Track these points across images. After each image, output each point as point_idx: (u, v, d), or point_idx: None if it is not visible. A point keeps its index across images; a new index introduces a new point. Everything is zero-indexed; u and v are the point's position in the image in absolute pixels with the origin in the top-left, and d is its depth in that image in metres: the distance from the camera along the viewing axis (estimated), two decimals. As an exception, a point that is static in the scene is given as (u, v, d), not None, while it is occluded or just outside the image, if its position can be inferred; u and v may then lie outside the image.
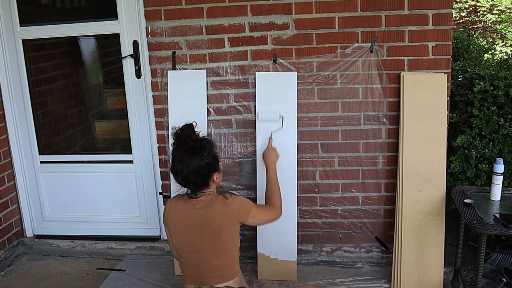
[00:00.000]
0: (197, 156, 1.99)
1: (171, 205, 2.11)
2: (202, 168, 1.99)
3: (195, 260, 2.04)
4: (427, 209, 2.59)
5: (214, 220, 2.02)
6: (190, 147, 1.99)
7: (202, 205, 2.03)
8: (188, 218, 2.04)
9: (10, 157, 3.19)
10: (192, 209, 2.03)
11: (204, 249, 2.02)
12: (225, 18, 2.73)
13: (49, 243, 3.25)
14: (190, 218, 2.04)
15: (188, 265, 2.07)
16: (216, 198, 2.07)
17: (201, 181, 2.01)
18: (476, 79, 2.82)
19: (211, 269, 2.03)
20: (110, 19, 2.88)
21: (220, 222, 2.02)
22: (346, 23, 2.65)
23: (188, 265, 2.07)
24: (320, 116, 2.79)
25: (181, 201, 2.08)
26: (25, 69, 3.06)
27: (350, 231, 2.92)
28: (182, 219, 2.06)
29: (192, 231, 2.03)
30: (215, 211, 2.02)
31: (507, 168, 2.69)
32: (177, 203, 2.09)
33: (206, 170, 2.01)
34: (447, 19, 2.58)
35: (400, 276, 2.63)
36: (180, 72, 2.83)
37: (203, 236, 2.02)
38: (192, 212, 2.03)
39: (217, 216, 2.02)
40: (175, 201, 2.11)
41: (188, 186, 2.04)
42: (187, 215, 2.04)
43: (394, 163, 2.77)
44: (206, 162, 2.00)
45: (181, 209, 2.06)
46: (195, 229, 2.02)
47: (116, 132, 3.62)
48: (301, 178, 2.86)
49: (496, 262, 2.64)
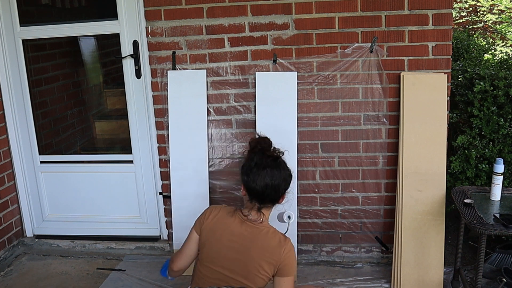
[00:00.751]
0: (283, 166, 1.91)
1: (219, 214, 1.95)
2: (287, 180, 1.91)
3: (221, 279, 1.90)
4: (427, 209, 2.59)
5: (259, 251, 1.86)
6: (278, 156, 1.91)
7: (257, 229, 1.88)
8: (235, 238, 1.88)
9: (10, 157, 3.19)
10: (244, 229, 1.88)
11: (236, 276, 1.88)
12: (225, 18, 2.73)
13: (49, 243, 3.25)
14: (238, 239, 1.88)
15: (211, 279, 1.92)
16: (275, 233, 1.90)
17: (278, 196, 1.90)
18: (476, 79, 2.82)
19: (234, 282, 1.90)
20: (110, 19, 2.88)
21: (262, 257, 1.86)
22: (346, 23, 2.65)
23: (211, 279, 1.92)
24: (320, 116, 2.79)
25: (231, 215, 1.93)
26: (25, 69, 3.06)
27: (350, 231, 2.92)
28: (228, 237, 1.89)
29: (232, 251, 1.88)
30: (266, 242, 1.87)
31: (507, 168, 2.69)
32: (224, 215, 1.93)
33: (288, 184, 1.92)
34: (447, 19, 2.58)
35: (400, 276, 2.63)
36: (180, 72, 2.83)
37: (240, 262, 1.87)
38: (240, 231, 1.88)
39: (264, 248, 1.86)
40: (224, 214, 1.94)
41: (262, 199, 1.88)
42: (236, 233, 1.89)
43: (394, 163, 2.77)
44: (289, 174, 1.92)
45: (232, 226, 1.90)
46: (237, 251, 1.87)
47: (116, 132, 3.62)
48: (301, 178, 2.86)
49: (496, 262, 2.64)
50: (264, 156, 1.90)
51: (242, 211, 1.94)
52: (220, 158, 2.90)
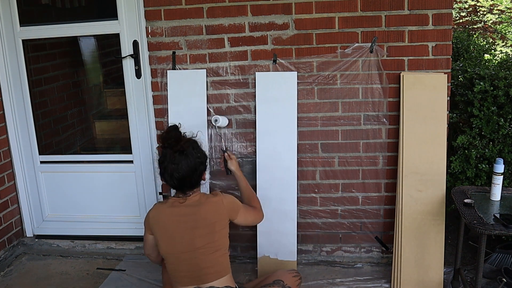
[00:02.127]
0: (190, 156, 2.02)
1: (157, 211, 2.10)
2: (198, 167, 2.04)
3: (191, 259, 2.04)
4: (427, 209, 2.59)
5: (207, 216, 2.04)
6: (183, 148, 2.02)
7: (192, 203, 2.05)
8: (179, 219, 2.04)
9: (10, 157, 3.19)
10: (183, 209, 2.04)
11: (200, 247, 2.03)
12: (225, 18, 2.73)
13: (49, 243, 3.25)
14: (182, 218, 2.04)
15: (182, 266, 2.06)
16: (206, 196, 2.10)
17: (196, 180, 2.06)
18: (476, 79, 2.82)
19: (207, 265, 2.04)
20: (110, 19, 2.88)
21: (213, 218, 2.05)
22: (346, 23, 2.65)
23: (182, 265, 2.06)
24: (320, 116, 2.79)
25: (167, 205, 2.09)
26: (25, 69, 3.06)
27: (350, 231, 2.92)
28: (172, 221, 2.05)
29: (185, 231, 2.04)
30: (208, 208, 2.05)
31: (507, 168, 2.69)
32: (163, 208, 2.09)
33: (201, 169, 2.06)
34: (447, 19, 2.58)
35: (400, 276, 2.63)
36: (180, 72, 2.83)
37: (198, 234, 2.03)
38: (184, 212, 2.04)
39: (210, 212, 2.05)
40: (159, 207, 2.11)
41: (182, 188, 2.06)
42: (178, 216, 2.05)
43: (394, 163, 2.77)
44: (200, 161, 2.05)
45: (170, 212, 2.06)
46: (189, 228, 2.03)
47: (116, 132, 3.62)
48: (301, 178, 2.86)
49: (496, 262, 2.64)
50: (172, 151, 2.02)
51: (173, 196, 2.12)
52: (220, 158, 2.90)
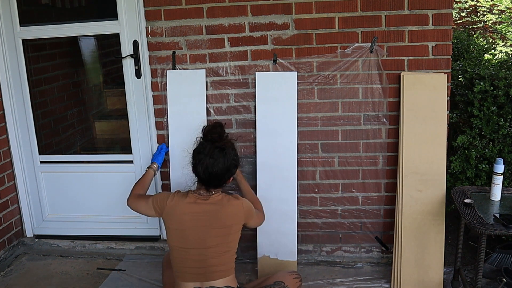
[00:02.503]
0: (228, 156, 2.05)
1: (175, 200, 2.10)
2: (231, 169, 2.07)
3: (200, 255, 2.05)
4: (427, 209, 2.59)
5: (226, 218, 2.06)
6: (224, 146, 2.06)
7: (215, 202, 2.07)
8: (197, 216, 2.06)
9: (10, 157, 3.19)
10: (203, 206, 2.06)
11: (212, 246, 2.05)
12: (225, 18, 2.73)
13: (49, 243, 3.25)
14: (200, 216, 2.05)
15: (190, 261, 2.07)
16: (228, 197, 2.11)
17: (224, 181, 2.08)
18: (476, 79, 2.82)
19: (215, 264, 2.06)
20: (110, 19, 2.88)
21: (231, 220, 2.07)
22: (346, 23, 2.65)
23: (189, 261, 2.07)
24: (320, 116, 2.79)
25: (187, 200, 2.09)
26: (25, 69, 3.06)
27: (350, 231, 2.92)
28: (190, 218, 2.06)
29: (200, 229, 2.05)
30: (229, 209, 2.07)
31: (507, 168, 2.69)
32: (182, 202, 2.09)
33: (233, 172, 2.09)
34: (447, 19, 2.58)
35: (400, 276, 2.63)
36: (180, 72, 2.83)
37: (213, 233, 2.05)
38: (203, 210, 2.06)
39: (230, 214, 2.08)
40: (179, 197, 2.11)
41: (209, 183, 2.07)
42: (197, 214, 2.06)
43: (394, 163, 2.77)
44: (235, 163, 2.08)
45: (189, 208, 2.07)
46: (205, 226, 2.05)
47: (116, 132, 3.62)
48: (301, 178, 2.86)
49: (496, 262, 2.64)
50: (213, 146, 2.05)
51: (194, 191, 2.12)
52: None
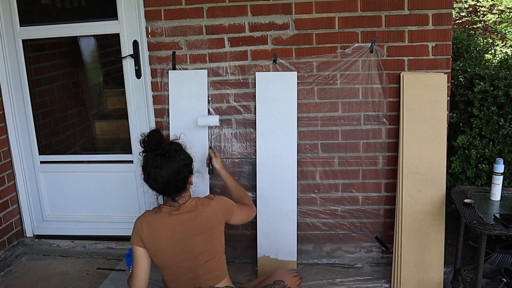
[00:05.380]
0: (173, 159, 1.93)
1: (147, 222, 1.99)
2: (182, 170, 1.95)
3: (189, 267, 1.99)
4: (427, 209, 2.59)
5: (205, 222, 1.99)
6: (165, 151, 1.93)
7: (188, 210, 1.99)
8: (175, 228, 1.97)
9: (10, 157, 3.19)
10: (180, 217, 1.98)
11: (199, 254, 1.98)
12: (225, 18, 2.73)
13: (49, 243, 3.25)
14: (180, 227, 1.97)
15: (182, 275, 2.00)
16: (202, 200, 2.05)
17: (181, 184, 1.96)
18: (476, 79, 2.82)
19: (207, 271, 2.01)
20: (110, 19, 2.88)
21: (211, 223, 2.01)
22: (346, 23, 2.65)
23: (182, 275, 2.00)
24: (320, 116, 2.79)
25: (158, 214, 1.99)
26: (25, 69, 3.06)
27: (350, 231, 2.92)
28: (167, 231, 1.97)
29: (184, 240, 1.97)
30: (205, 213, 2.01)
31: (507, 168, 2.69)
32: (155, 218, 1.99)
33: (185, 172, 1.97)
34: (447, 19, 2.58)
35: (400, 276, 2.63)
36: (180, 72, 2.83)
37: (196, 241, 1.98)
38: (181, 221, 1.97)
39: (207, 218, 2.01)
40: (150, 217, 2.00)
41: (168, 193, 1.97)
42: (176, 226, 1.97)
43: (394, 163, 2.77)
44: (184, 163, 1.97)
45: (163, 222, 1.97)
46: (187, 237, 1.97)
47: (116, 132, 3.62)
48: (301, 178, 2.86)
49: (496, 262, 2.64)
50: (153, 155, 1.93)
51: (165, 204, 2.01)
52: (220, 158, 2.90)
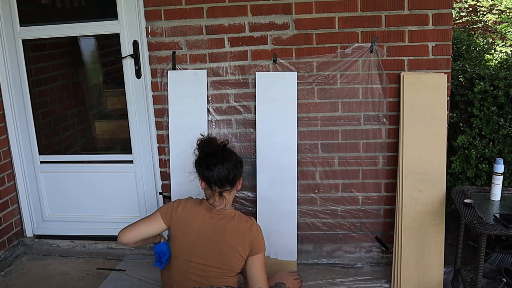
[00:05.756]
0: (233, 154, 2.05)
1: (188, 208, 2.02)
2: (238, 164, 2.04)
3: (200, 271, 1.97)
4: (427, 209, 2.59)
5: (232, 237, 1.97)
6: (226, 145, 2.06)
7: (225, 217, 1.99)
8: (205, 226, 1.98)
9: (10, 157, 3.19)
10: (215, 219, 1.98)
11: (213, 266, 1.97)
12: (225, 18, 2.73)
13: (49, 243, 3.25)
14: (208, 228, 1.98)
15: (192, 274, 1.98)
16: (241, 216, 2.03)
17: (234, 178, 2.01)
18: (476, 79, 2.82)
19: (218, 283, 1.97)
20: (110, 19, 2.88)
21: (236, 241, 1.97)
22: (346, 23, 2.65)
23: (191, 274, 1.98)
24: (320, 116, 2.79)
25: (198, 205, 2.01)
26: (25, 69, 3.06)
27: (350, 231, 2.92)
28: (197, 225, 1.98)
29: (205, 244, 1.97)
30: (237, 227, 1.98)
31: (507, 168, 2.69)
32: (193, 207, 2.02)
33: (240, 168, 2.05)
34: (447, 19, 2.58)
35: (400, 276, 2.63)
36: (180, 72, 2.83)
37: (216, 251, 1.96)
38: (214, 223, 1.98)
39: (236, 233, 1.98)
40: (192, 205, 2.03)
41: (222, 181, 1.98)
42: (205, 224, 1.98)
43: (394, 163, 2.77)
44: (240, 161, 2.07)
45: (199, 215, 1.99)
46: (210, 241, 1.97)
47: (116, 132, 3.62)
48: (301, 178, 2.86)
49: (496, 262, 2.64)
50: (212, 146, 2.06)
51: (208, 201, 2.04)
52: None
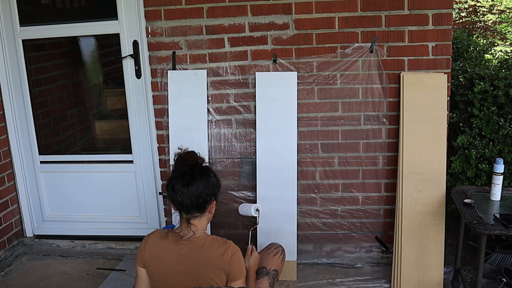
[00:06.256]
0: (205, 175, 1.88)
1: (153, 242, 1.91)
2: (210, 187, 1.87)
3: None
4: (427, 209, 2.59)
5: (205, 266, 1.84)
6: (199, 164, 1.90)
7: (195, 244, 1.86)
8: (177, 260, 1.85)
9: (10, 157, 3.19)
10: (183, 248, 1.86)
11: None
12: (225, 18, 2.73)
13: (49, 243, 3.25)
14: (179, 261, 1.85)
15: None
16: (212, 242, 1.87)
17: (204, 203, 1.87)
18: (476, 79, 2.82)
19: None
20: (110, 19, 2.88)
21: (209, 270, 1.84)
22: (346, 23, 2.65)
23: None
24: (320, 116, 2.79)
25: (165, 240, 1.88)
26: (25, 69, 3.06)
27: (350, 231, 2.92)
28: (170, 260, 1.86)
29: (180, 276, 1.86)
30: (208, 255, 1.84)
31: (507, 168, 2.69)
32: (159, 241, 1.89)
33: (211, 192, 1.88)
34: (447, 19, 2.58)
35: (400, 276, 2.63)
36: (180, 72, 2.83)
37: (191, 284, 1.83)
38: (182, 252, 1.85)
39: (208, 262, 1.84)
40: (157, 239, 1.91)
41: (188, 207, 1.85)
42: (176, 257, 1.86)
43: (394, 163, 2.77)
44: (214, 183, 1.90)
45: (168, 249, 1.87)
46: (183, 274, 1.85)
47: (116, 132, 3.62)
48: (301, 178, 2.86)
49: (496, 262, 2.64)
50: (184, 164, 1.89)
51: (174, 230, 1.92)
52: (220, 158, 2.90)
